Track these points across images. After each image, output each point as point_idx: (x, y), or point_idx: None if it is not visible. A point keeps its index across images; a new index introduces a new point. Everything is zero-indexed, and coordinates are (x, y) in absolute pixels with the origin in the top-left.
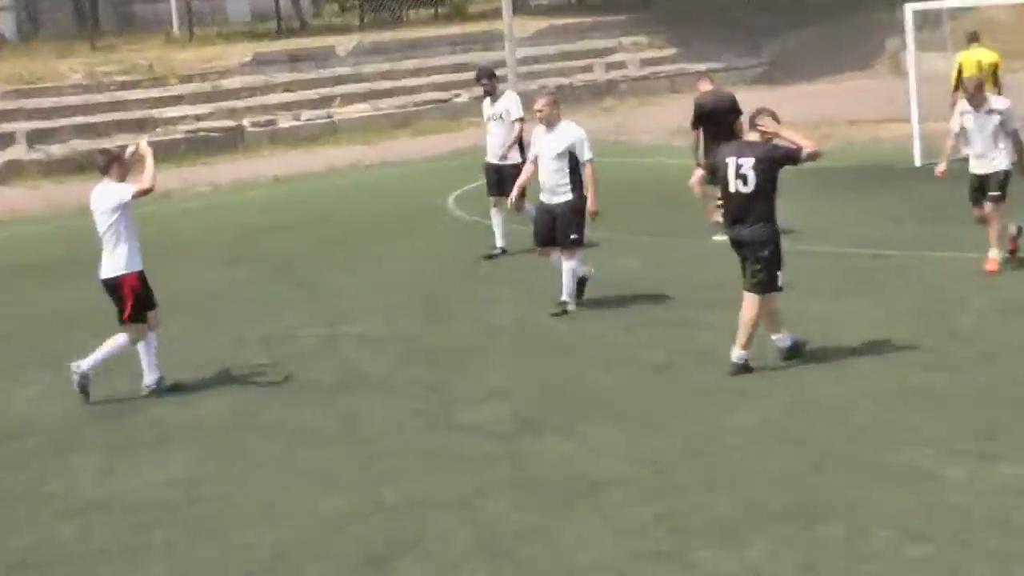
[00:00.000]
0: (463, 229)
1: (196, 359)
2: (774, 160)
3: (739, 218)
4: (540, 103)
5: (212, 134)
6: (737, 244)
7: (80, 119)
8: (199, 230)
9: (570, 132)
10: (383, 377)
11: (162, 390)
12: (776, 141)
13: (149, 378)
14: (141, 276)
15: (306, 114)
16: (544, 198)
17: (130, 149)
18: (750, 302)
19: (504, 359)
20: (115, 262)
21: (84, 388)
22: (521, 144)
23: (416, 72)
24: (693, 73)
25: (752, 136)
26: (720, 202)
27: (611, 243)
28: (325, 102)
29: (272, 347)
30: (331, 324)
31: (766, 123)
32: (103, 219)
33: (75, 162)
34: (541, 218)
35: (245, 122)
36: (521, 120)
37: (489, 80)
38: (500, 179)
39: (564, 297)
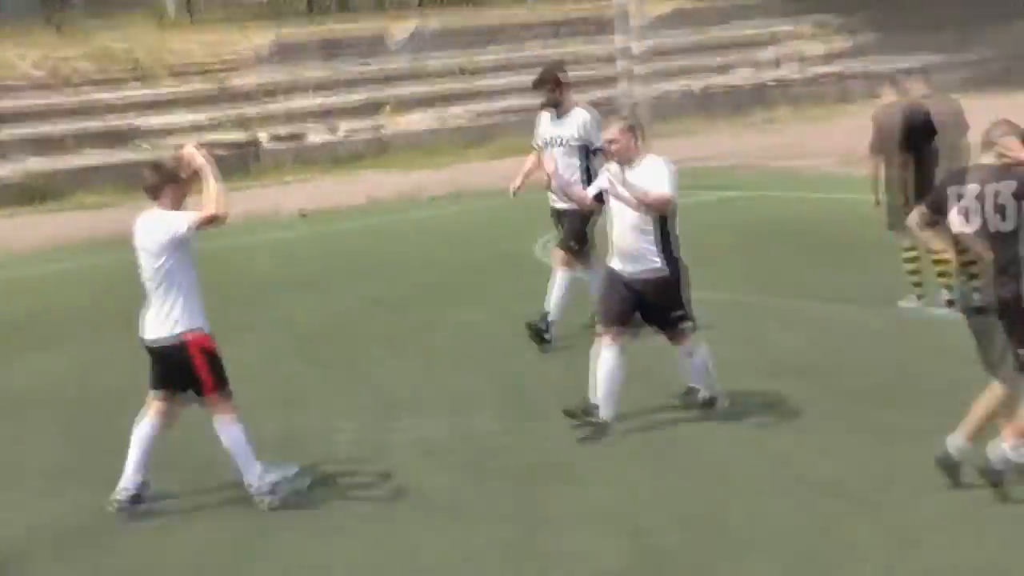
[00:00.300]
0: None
1: (188, 466)
2: None
3: (997, 270)
4: (613, 131)
5: (216, 151)
6: (979, 309)
7: (39, 129)
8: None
9: (657, 171)
10: (447, 495)
11: (141, 503)
12: None
13: (129, 481)
14: (206, 335)
15: (345, 126)
16: (620, 267)
17: (185, 152)
18: (999, 387)
19: (616, 472)
20: (168, 319)
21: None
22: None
23: (497, 69)
24: (877, 76)
25: (986, 159)
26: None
27: (760, 311)
28: (371, 109)
29: (295, 451)
30: (376, 420)
31: (1010, 143)
32: (149, 261)
33: (30, 188)
34: (612, 289)
35: (262, 135)
36: (600, 151)
37: (556, 87)
38: (563, 228)
39: (705, 393)
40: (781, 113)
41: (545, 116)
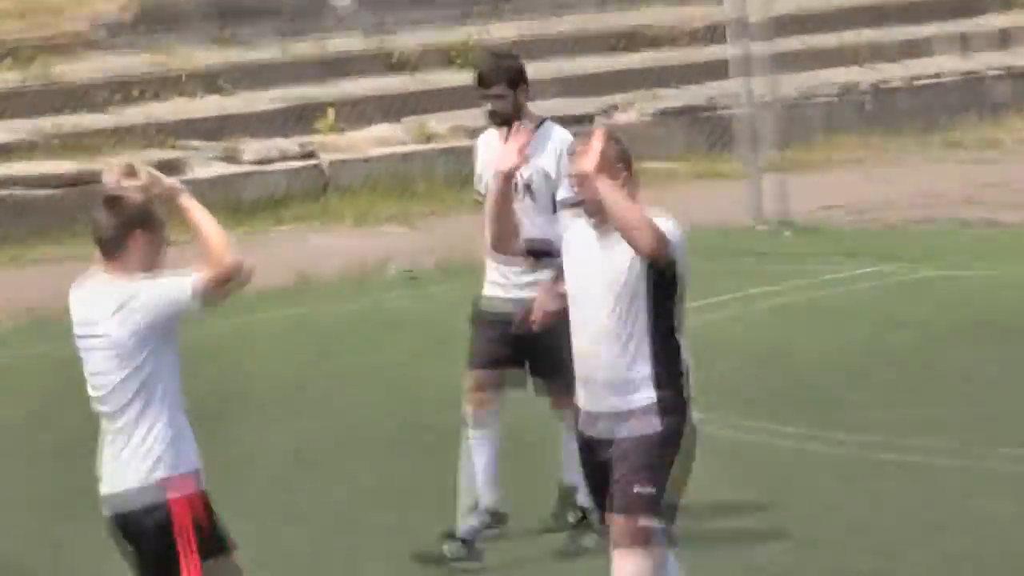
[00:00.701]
0: None
1: None
2: None
3: None
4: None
5: (29, 192)
6: None
7: None
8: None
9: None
10: None
11: None
12: None
13: None
14: (200, 485)
15: (255, 148)
16: (589, 402)
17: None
18: None
19: None
20: (142, 460)
21: None
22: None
23: (515, 51)
24: None
25: None
26: None
27: (957, 466)
28: (300, 120)
29: None
30: None
31: None
32: (110, 362)
33: None
34: (597, 472)
35: (104, 167)
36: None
37: (510, 89)
38: (511, 341)
39: None
40: (1008, 124)
41: (491, 140)
